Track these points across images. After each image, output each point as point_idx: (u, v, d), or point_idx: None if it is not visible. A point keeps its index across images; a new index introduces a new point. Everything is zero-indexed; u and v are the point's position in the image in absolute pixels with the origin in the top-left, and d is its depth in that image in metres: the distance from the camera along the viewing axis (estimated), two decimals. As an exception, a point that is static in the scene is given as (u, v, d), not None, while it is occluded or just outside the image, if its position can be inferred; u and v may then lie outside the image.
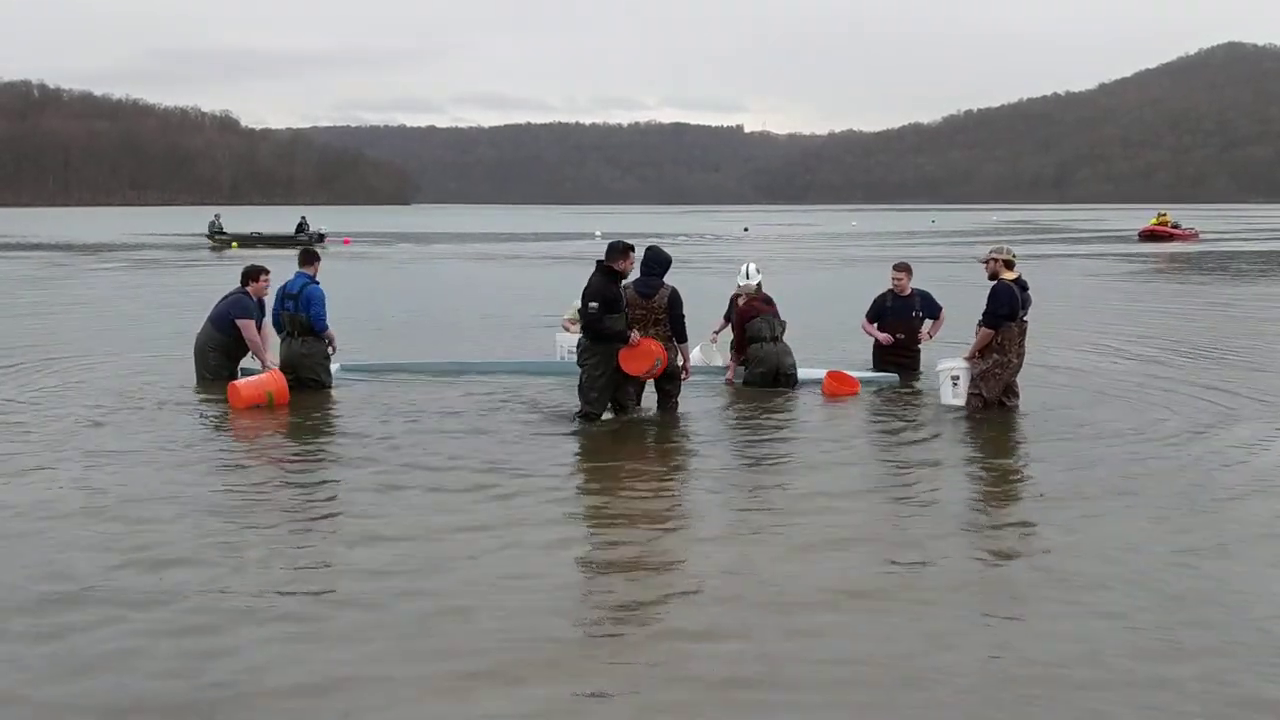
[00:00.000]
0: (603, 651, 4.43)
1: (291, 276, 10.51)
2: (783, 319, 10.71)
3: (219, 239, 47.38)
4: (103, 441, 8.10)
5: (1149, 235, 50.79)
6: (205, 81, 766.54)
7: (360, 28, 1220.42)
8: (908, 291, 11.06)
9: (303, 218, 52.35)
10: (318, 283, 10.49)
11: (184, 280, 26.77)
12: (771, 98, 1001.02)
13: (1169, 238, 50.16)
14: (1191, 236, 51.49)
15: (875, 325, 11.18)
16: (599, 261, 8.96)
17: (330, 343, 10.53)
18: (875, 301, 11.29)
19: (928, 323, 11.15)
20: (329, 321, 10.46)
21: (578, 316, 11.76)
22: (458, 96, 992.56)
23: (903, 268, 11.26)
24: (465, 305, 19.54)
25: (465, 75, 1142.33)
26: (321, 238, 47.08)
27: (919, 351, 11.07)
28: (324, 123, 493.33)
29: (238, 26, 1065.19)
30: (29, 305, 19.61)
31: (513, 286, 25.01)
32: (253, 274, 10.95)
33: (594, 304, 8.72)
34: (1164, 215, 54.73)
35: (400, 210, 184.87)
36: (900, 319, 11.03)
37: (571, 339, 11.42)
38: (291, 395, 9.97)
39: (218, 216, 50.32)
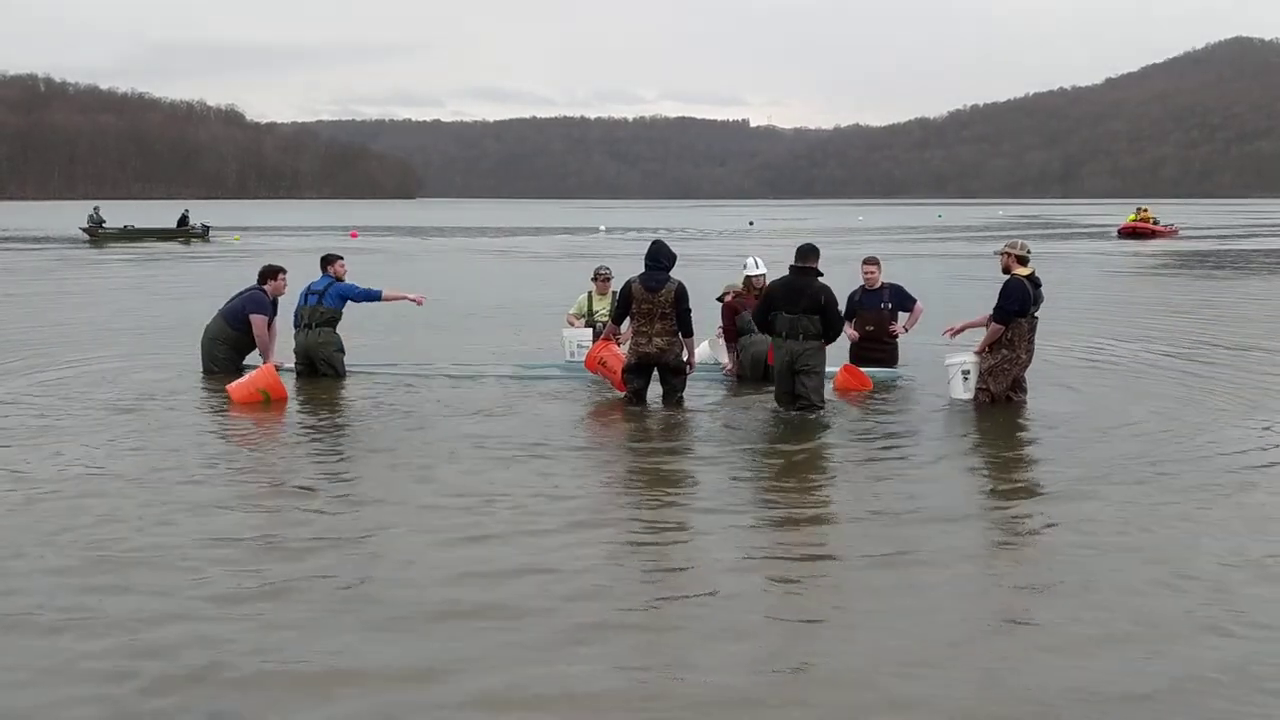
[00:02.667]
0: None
1: (317, 278, 10.88)
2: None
3: (102, 232, 43.45)
4: (108, 437, 8.09)
5: (1129, 232, 48.27)
6: (200, 76, 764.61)
7: (353, 22, 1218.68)
8: (878, 284, 11.00)
9: (185, 211, 48.51)
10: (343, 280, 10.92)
11: (186, 274, 26.75)
12: (776, 92, 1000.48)
13: (1150, 234, 47.83)
14: (1171, 233, 49.23)
15: (851, 322, 11.08)
16: (799, 266, 9.10)
17: (406, 298, 11.28)
18: (848, 298, 11.19)
19: (902, 316, 11.07)
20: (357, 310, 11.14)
21: (582, 312, 11.73)
22: (455, 91, 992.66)
23: (872, 261, 11.20)
24: (470, 300, 19.52)
25: (461, 69, 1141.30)
26: (206, 230, 45.20)
27: (894, 345, 10.97)
28: (323, 116, 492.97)
29: (231, 21, 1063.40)
30: (35, 299, 19.62)
31: (517, 281, 24.98)
32: (271, 273, 11.10)
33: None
34: (1144, 211, 51.82)
35: (405, 204, 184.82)
36: (869, 311, 10.96)
37: (580, 335, 11.35)
38: (305, 384, 9.98)
39: (97, 209, 45.81)
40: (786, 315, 8.98)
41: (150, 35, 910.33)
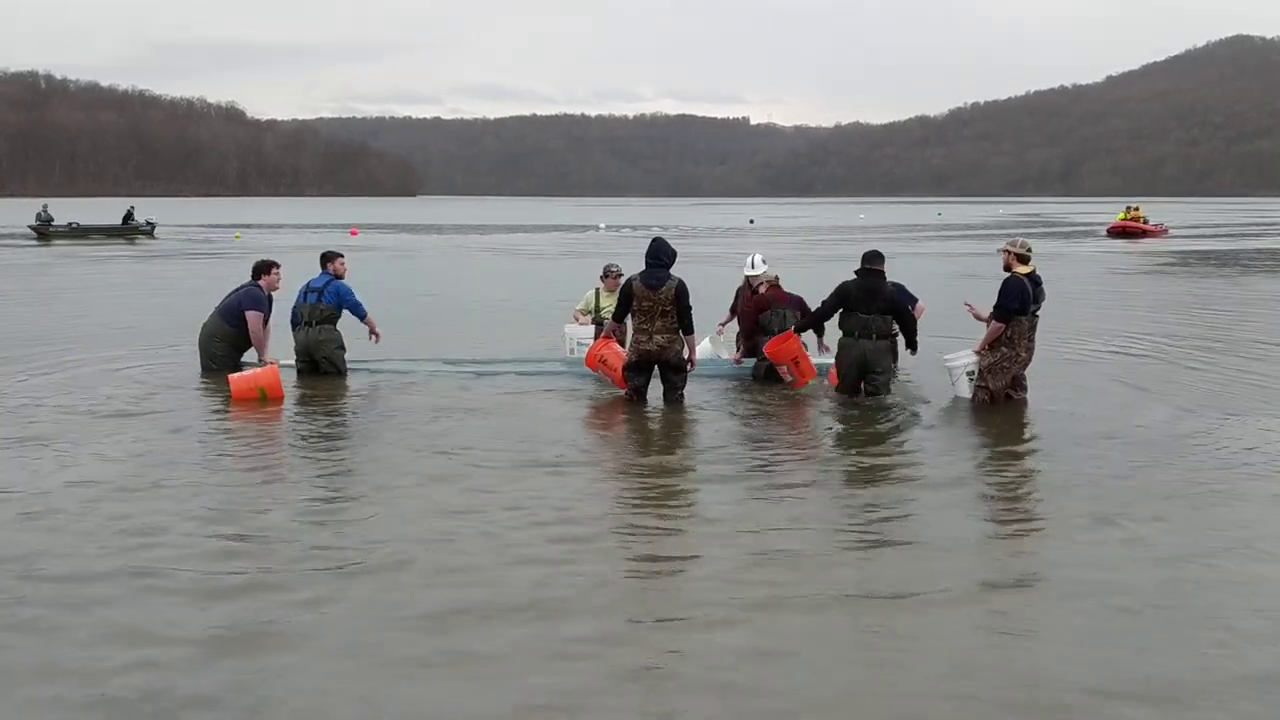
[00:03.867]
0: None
1: (316, 275, 10.82)
2: (797, 314, 10.62)
3: (51, 231, 41.99)
4: (115, 433, 8.08)
5: (1118, 231, 46.32)
6: (200, 74, 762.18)
7: (350, 20, 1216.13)
8: None
9: (130, 208, 47.43)
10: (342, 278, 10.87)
11: (182, 270, 26.74)
12: (775, 90, 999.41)
13: (1140, 234, 45.77)
14: (1161, 232, 47.32)
15: None
16: (871, 268, 9.57)
17: (372, 330, 10.95)
18: None
19: None
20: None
21: (590, 308, 11.73)
22: (453, 88, 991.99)
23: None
24: (471, 296, 19.49)
25: (458, 67, 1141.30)
26: (152, 227, 44.73)
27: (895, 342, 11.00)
28: (323, 114, 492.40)
29: (230, 19, 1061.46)
30: (38, 294, 19.59)
31: (517, 278, 24.96)
32: (265, 268, 11.07)
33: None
34: (1135, 210, 49.19)
35: (406, 202, 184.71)
36: None
37: (581, 332, 11.39)
38: (306, 383, 9.94)
39: (45, 207, 44.04)
40: (861, 315, 9.42)
41: (150, 34, 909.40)
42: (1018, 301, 9.06)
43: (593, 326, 11.43)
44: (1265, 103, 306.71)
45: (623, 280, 11.54)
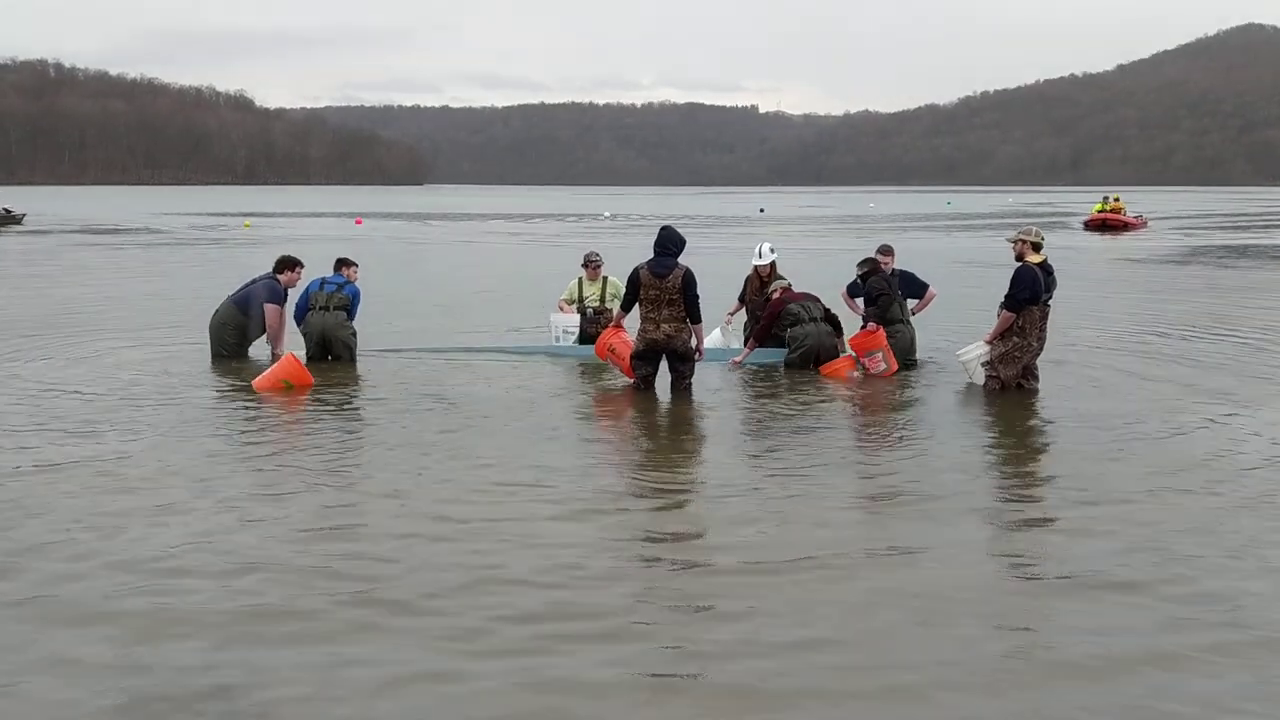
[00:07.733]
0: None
1: (330, 274, 11.00)
2: (822, 305, 10.72)
3: None
4: (134, 425, 8.08)
5: (1097, 224, 43.04)
6: (197, 63, 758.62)
7: (341, 8, 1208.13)
8: (889, 272, 11.03)
9: None
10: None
11: (183, 259, 26.78)
12: (779, 78, 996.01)
13: (1121, 226, 42.55)
14: (1140, 225, 44.04)
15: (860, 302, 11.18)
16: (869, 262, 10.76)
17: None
18: (858, 285, 11.24)
19: (911, 302, 11.12)
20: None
21: (573, 297, 11.80)
22: (451, 76, 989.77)
23: (887, 251, 11.23)
24: (477, 282, 19.50)
25: (454, 55, 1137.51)
26: (20, 216, 44.25)
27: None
28: (324, 102, 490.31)
29: (232, 8, 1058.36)
30: (43, 285, 19.64)
31: (527, 264, 24.97)
32: (289, 264, 11.13)
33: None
34: (1116, 200, 45.65)
35: (414, 190, 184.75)
36: None
37: (567, 321, 11.50)
38: (320, 372, 9.95)
39: None
40: (904, 301, 10.63)
41: (149, 21, 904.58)
42: (1028, 291, 9.04)
43: (577, 316, 11.52)
44: (1276, 92, 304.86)
45: (602, 268, 11.76)
